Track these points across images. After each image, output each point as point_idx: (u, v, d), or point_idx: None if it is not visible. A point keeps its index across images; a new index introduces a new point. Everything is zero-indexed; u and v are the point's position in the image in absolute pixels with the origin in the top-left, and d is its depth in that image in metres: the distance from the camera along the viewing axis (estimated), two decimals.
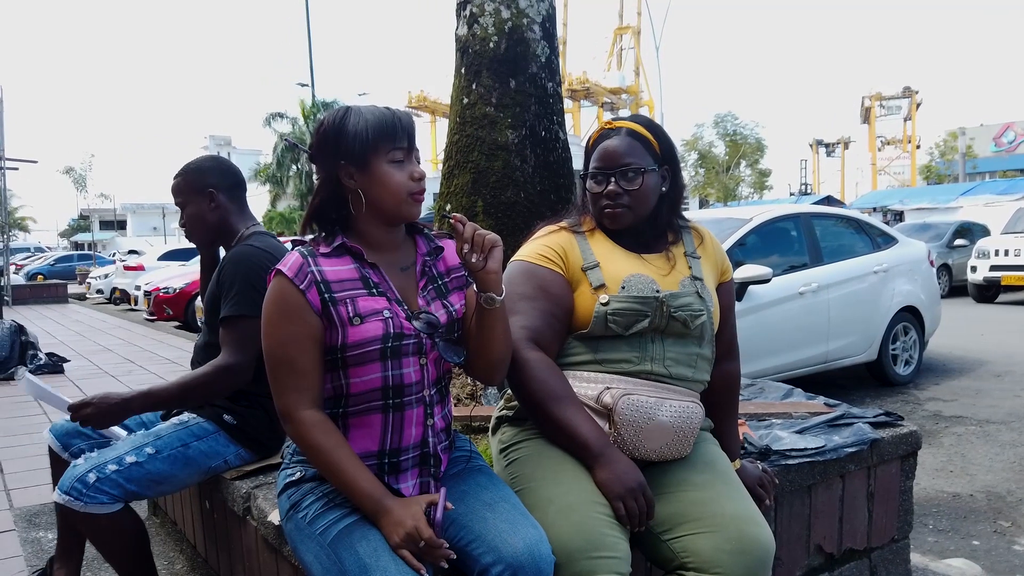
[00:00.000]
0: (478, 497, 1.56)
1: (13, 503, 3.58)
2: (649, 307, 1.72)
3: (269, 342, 1.51)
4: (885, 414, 2.57)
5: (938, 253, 14.49)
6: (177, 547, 2.94)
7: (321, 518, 1.49)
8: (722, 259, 1.94)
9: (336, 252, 1.56)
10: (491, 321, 1.54)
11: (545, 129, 3.03)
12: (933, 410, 5.61)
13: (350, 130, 1.52)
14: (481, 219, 2.95)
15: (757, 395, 2.89)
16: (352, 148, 1.52)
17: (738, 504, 1.66)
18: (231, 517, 2.26)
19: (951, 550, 3.23)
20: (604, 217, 1.80)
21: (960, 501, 3.80)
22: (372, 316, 1.51)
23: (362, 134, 1.51)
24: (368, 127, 1.51)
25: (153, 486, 2.15)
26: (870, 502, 2.46)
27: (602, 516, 1.56)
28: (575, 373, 1.75)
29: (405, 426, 1.55)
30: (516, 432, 1.82)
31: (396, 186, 1.53)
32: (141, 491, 2.13)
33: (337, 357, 1.51)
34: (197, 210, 2.32)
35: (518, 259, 1.83)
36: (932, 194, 31.61)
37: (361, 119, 1.52)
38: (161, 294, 12.71)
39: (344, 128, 1.53)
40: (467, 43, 3.05)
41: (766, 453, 2.20)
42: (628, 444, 1.67)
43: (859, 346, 6.03)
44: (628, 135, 1.80)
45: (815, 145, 60.54)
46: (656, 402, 1.68)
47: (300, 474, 1.57)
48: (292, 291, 1.50)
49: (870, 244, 6.40)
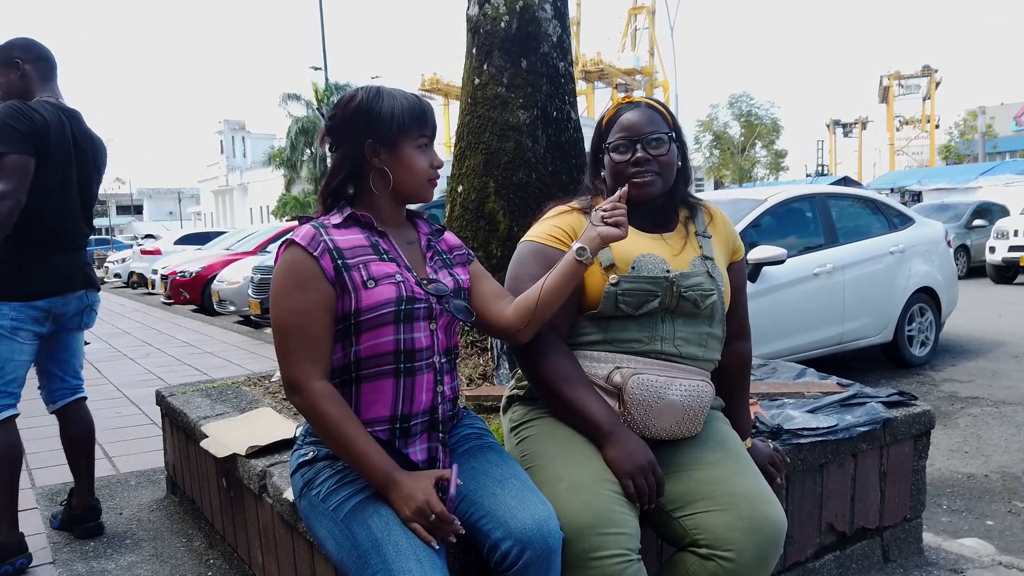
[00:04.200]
0: (488, 474, 1.57)
1: (36, 482, 3.64)
2: (659, 287, 1.72)
3: (280, 312, 1.52)
4: (899, 394, 2.56)
5: (956, 234, 14.36)
6: (196, 525, 2.98)
7: (334, 495, 1.51)
8: (733, 238, 1.93)
9: (346, 223, 1.60)
10: (572, 278, 1.60)
11: (557, 109, 3.02)
12: (949, 391, 5.58)
13: (385, 111, 1.57)
14: (493, 200, 2.95)
15: (770, 375, 2.89)
16: (385, 128, 1.57)
17: (750, 482, 1.67)
18: (247, 495, 2.29)
19: (965, 530, 3.22)
20: (632, 187, 1.76)
21: (975, 482, 3.78)
22: (385, 279, 1.54)
23: (398, 117, 1.57)
24: (404, 111, 1.58)
25: None
26: (882, 481, 2.46)
27: (611, 493, 1.57)
28: (585, 353, 1.75)
29: (416, 391, 1.57)
30: (527, 411, 1.83)
31: (420, 170, 1.61)
32: None
33: (350, 324, 1.52)
34: (6, 79, 2.69)
35: (528, 239, 1.83)
36: (951, 174, 31.21)
37: (396, 102, 1.58)
38: (178, 278, 12.82)
39: (378, 109, 1.58)
40: (478, 23, 3.04)
41: (778, 432, 2.20)
42: (638, 423, 1.68)
43: (874, 327, 6.00)
44: (647, 107, 1.82)
45: (832, 125, 59.94)
46: (666, 381, 1.68)
47: (313, 454, 1.59)
48: (306, 258, 1.51)
49: (886, 225, 6.34)
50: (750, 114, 41.43)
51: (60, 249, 2.70)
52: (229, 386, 3.29)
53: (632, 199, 1.76)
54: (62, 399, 2.87)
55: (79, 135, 2.73)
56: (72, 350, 2.87)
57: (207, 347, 7.91)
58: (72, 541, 2.93)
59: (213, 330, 9.30)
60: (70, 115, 2.72)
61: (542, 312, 1.61)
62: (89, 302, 2.82)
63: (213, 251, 14.23)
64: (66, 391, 2.88)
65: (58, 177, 2.64)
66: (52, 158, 2.59)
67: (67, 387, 2.88)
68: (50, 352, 2.81)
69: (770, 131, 42.05)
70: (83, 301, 2.79)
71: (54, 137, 2.59)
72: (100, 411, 5.09)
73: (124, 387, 5.95)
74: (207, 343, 8.21)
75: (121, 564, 2.72)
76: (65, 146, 2.64)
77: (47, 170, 2.58)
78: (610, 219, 1.57)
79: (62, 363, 2.85)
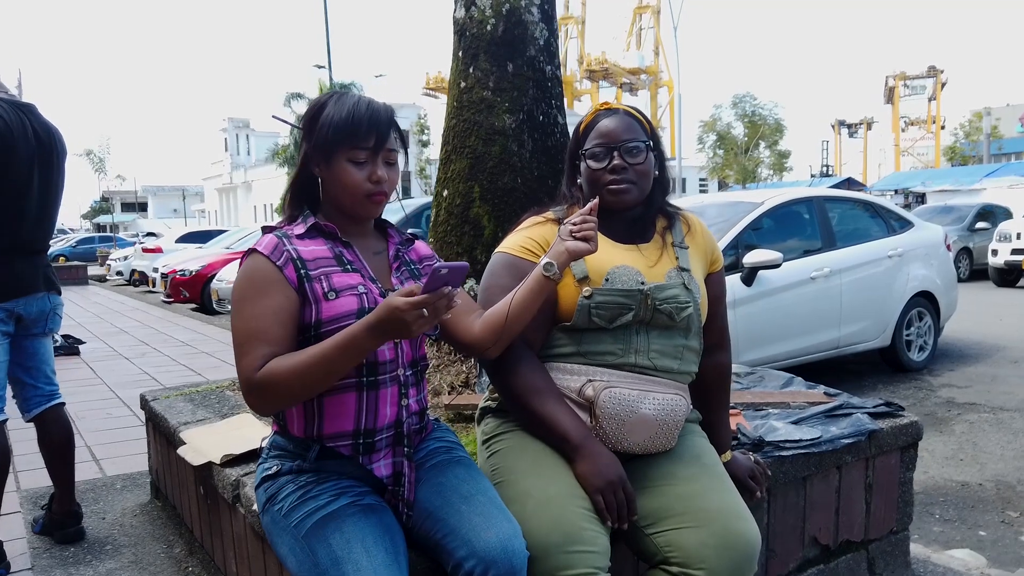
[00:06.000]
0: (455, 490, 1.54)
1: (21, 484, 3.62)
2: (633, 300, 1.68)
3: (240, 318, 1.46)
4: (885, 404, 2.52)
5: (959, 236, 14.30)
6: (176, 531, 2.96)
7: (296, 511, 1.48)
8: (712, 248, 1.90)
9: (309, 234, 1.56)
10: (540, 293, 1.55)
11: (543, 113, 2.99)
12: (946, 396, 5.53)
13: (323, 120, 1.53)
14: (478, 205, 2.92)
15: (756, 383, 2.85)
16: (320, 139, 1.53)
17: (724, 498, 1.64)
18: (222, 504, 2.27)
19: (956, 540, 3.18)
20: (608, 195, 1.73)
21: (968, 490, 3.74)
22: (347, 291, 1.50)
23: (325, 129, 1.52)
24: (333, 124, 1.52)
25: None
26: (868, 494, 2.42)
27: (581, 510, 1.54)
28: (558, 365, 1.72)
29: (380, 405, 1.53)
30: (499, 424, 1.80)
31: (352, 186, 1.54)
32: None
33: (310, 336, 1.48)
34: None
35: (501, 251, 1.79)
36: (955, 176, 31.10)
37: (334, 112, 1.53)
38: (178, 276, 12.84)
39: (317, 118, 1.55)
40: (464, 26, 3.01)
41: (759, 444, 2.16)
42: (610, 437, 1.64)
43: (872, 332, 5.95)
44: (626, 115, 1.78)
45: (837, 126, 59.81)
46: (639, 395, 1.65)
47: (276, 467, 1.56)
48: (268, 266, 1.48)
49: (885, 228, 6.30)
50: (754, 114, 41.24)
51: (22, 251, 2.65)
52: (213, 391, 3.26)
53: (608, 207, 1.73)
54: (38, 406, 2.84)
55: (39, 130, 2.66)
56: (41, 356, 2.83)
57: (204, 347, 7.89)
58: (52, 546, 2.91)
59: (211, 329, 9.28)
60: (27, 110, 2.65)
61: (511, 328, 1.56)
62: (52, 305, 2.78)
63: (213, 250, 14.24)
64: (41, 398, 2.84)
65: (22, 178, 2.58)
66: (16, 159, 2.54)
67: (41, 394, 2.84)
68: (19, 361, 2.77)
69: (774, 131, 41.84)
70: (45, 303, 2.75)
71: (18, 138, 2.53)
72: (91, 412, 5.09)
73: (117, 387, 5.93)
74: (204, 343, 8.19)
75: (100, 571, 2.70)
76: (28, 145, 2.58)
77: (10, 172, 2.53)
78: (579, 233, 1.52)
79: (32, 370, 2.82)
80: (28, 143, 2.59)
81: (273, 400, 1.43)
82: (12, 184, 2.56)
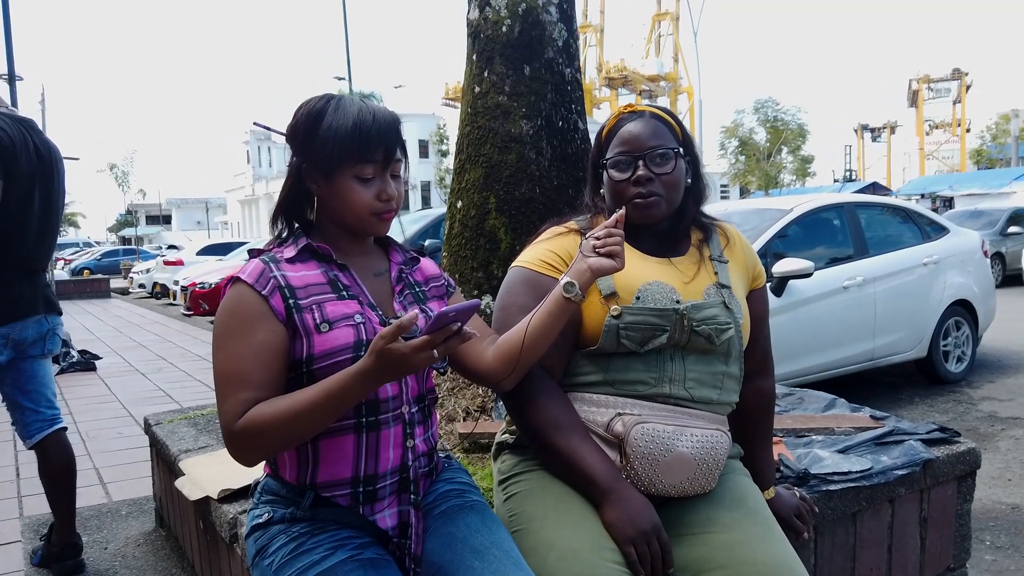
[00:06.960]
0: (466, 542, 1.36)
1: (24, 511, 3.50)
2: (668, 320, 1.50)
3: (221, 357, 1.29)
4: (940, 429, 2.31)
5: (991, 241, 13.88)
6: (179, 564, 2.81)
7: (287, 567, 1.31)
8: (753, 262, 1.71)
9: (301, 257, 1.38)
10: (561, 317, 1.38)
11: (563, 119, 2.81)
12: (988, 411, 5.27)
13: (323, 132, 1.33)
14: (494, 217, 2.75)
15: (796, 406, 2.65)
16: (320, 154, 1.34)
17: (771, 548, 1.44)
18: (220, 542, 2.11)
19: (1012, 570, 2.95)
20: (633, 209, 1.55)
21: (1020, 514, 3.50)
22: (342, 321, 1.32)
23: (328, 144, 1.33)
24: (337, 138, 1.32)
25: None
26: (923, 528, 2.21)
27: (610, 563, 1.35)
28: (583, 396, 1.54)
29: (382, 448, 1.36)
30: (517, 462, 1.61)
31: (359, 205, 1.36)
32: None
33: (302, 373, 1.31)
34: None
35: (519, 265, 1.62)
36: (984, 179, 30.50)
37: (336, 123, 1.33)
38: (197, 289, 12.82)
39: (316, 129, 1.34)
40: (478, 27, 2.84)
41: (805, 478, 1.97)
42: (643, 479, 1.46)
43: (908, 343, 5.71)
44: (652, 117, 1.59)
45: (860, 130, 59.11)
46: (675, 431, 1.46)
47: (267, 515, 1.39)
48: (253, 297, 1.30)
49: (919, 234, 6.06)
50: (776, 119, 40.83)
51: (21, 272, 2.55)
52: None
53: (633, 222, 1.55)
54: (39, 432, 2.70)
55: (39, 146, 2.56)
56: (41, 379, 2.70)
57: None
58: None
59: None
60: (27, 125, 2.56)
61: (527, 358, 1.39)
62: (51, 326, 2.66)
63: (233, 262, 14.22)
64: (43, 423, 2.71)
65: (23, 196, 2.48)
66: (19, 176, 2.44)
67: (43, 419, 2.71)
68: (18, 384, 2.64)
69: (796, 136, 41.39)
70: (43, 325, 2.62)
71: (20, 154, 2.44)
72: (102, 431, 4.98)
73: (130, 404, 5.82)
74: None
75: None
76: (30, 161, 2.49)
77: (13, 189, 2.43)
78: (603, 248, 1.34)
79: (32, 394, 2.68)
80: (30, 158, 2.51)
81: (255, 451, 1.26)
82: (14, 199, 2.46)
